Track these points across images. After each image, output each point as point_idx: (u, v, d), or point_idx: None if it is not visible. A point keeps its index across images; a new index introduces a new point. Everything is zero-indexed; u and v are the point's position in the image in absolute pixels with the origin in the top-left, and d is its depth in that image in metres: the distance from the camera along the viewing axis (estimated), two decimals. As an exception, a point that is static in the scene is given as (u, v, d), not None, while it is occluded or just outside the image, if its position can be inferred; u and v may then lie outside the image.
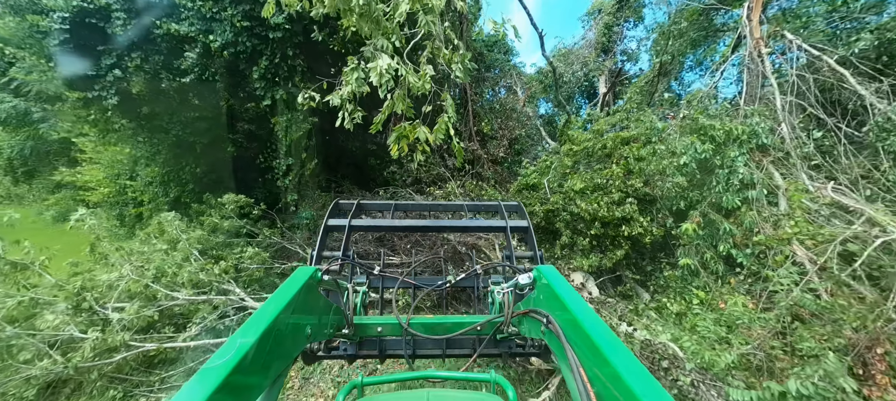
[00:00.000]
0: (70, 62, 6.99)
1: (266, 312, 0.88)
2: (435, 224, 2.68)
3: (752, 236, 5.74)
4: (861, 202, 5.29)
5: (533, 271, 1.39)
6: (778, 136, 6.54)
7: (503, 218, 2.10)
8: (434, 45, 2.73)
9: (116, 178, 13.03)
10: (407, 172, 8.45)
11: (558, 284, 1.15)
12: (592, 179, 7.19)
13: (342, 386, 1.28)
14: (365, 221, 2.24)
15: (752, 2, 7.29)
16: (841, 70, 6.41)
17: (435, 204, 2.85)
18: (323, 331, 1.28)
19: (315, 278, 1.26)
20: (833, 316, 4.36)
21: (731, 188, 5.94)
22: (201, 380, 0.61)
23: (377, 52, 2.61)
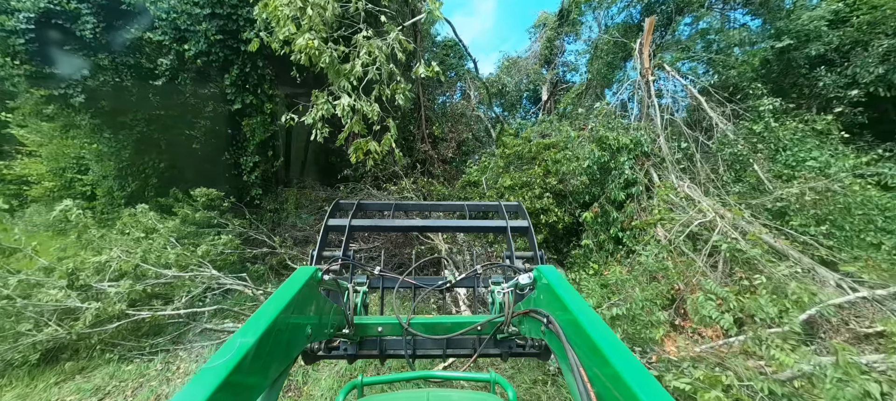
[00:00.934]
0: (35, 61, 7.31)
1: (266, 312, 0.89)
2: (435, 224, 2.61)
3: (632, 222, 7.58)
4: (700, 195, 7.28)
5: (533, 271, 1.39)
6: (657, 145, 8.50)
7: (503, 218, 2.09)
8: (380, 88, 3.96)
9: (62, 172, 12.77)
10: (365, 172, 9.56)
11: (558, 284, 1.16)
12: (520, 178, 8.77)
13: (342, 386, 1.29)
14: (365, 222, 2.20)
15: (643, 38, 9.24)
16: (699, 97, 8.50)
17: (436, 204, 2.87)
18: (323, 331, 1.30)
19: (315, 278, 1.27)
20: (669, 275, 6.19)
21: (618, 186, 7.75)
22: (201, 380, 0.61)
23: (341, 92, 3.79)
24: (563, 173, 8.56)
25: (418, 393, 1.40)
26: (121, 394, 4.46)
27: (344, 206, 2.30)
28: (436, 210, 3.33)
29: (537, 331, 1.20)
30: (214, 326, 6.08)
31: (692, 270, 6.17)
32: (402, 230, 4.93)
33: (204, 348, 5.53)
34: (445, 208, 3.15)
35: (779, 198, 6.80)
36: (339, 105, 3.67)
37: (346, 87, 3.70)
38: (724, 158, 7.81)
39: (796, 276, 5.29)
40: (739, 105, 8.51)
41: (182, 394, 0.58)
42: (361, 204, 2.29)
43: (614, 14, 12.08)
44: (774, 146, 7.81)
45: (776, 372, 3.72)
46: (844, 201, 6.56)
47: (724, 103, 8.47)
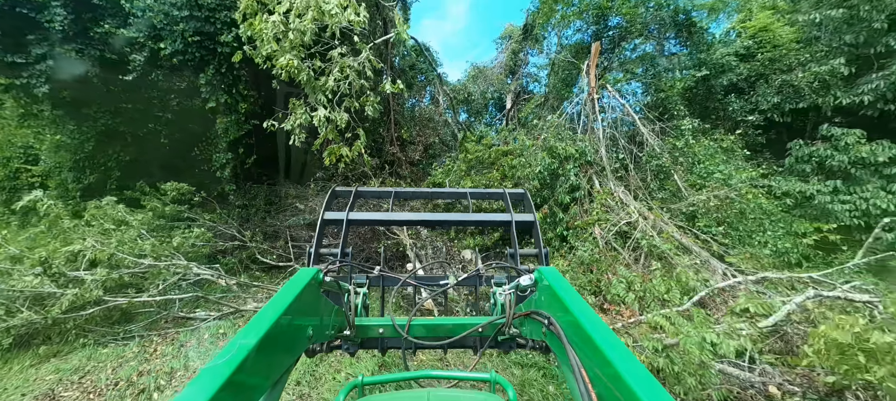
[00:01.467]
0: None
1: (268, 312, 0.89)
2: (436, 218, 2.44)
3: (575, 222, 8.68)
4: (630, 200, 8.51)
5: (534, 273, 1.39)
6: (599, 155, 9.71)
7: (507, 207, 2.02)
8: (350, 101, 4.61)
9: (7, 161, 12.14)
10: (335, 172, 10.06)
11: (560, 285, 1.15)
12: (480, 180, 9.66)
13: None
14: (363, 215, 2.06)
15: (590, 61, 10.46)
16: (634, 115, 9.81)
17: (436, 191, 2.74)
18: (324, 332, 1.30)
19: (317, 280, 1.27)
20: (600, 266, 7.28)
21: (565, 190, 8.82)
22: (204, 379, 0.62)
23: (317, 104, 4.40)
24: (518, 178, 9.54)
25: (418, 393, 1.37)
26: (101, 372, 4.77)
27: (341, 193, 2.20)
28: (436, 198, 3.11)
29: (538, 332, 1.20)
30: (186, 313, 6.40)
31: (618, 262, 7.30)
32: (403, 223, 4.61)
33: (178, 333, 5.87)
34: (446, 196, 3.00)
35: (691, 204, 8.14)
36: (317, 116, 4.27)
37: (322, 100, 4.30)
38: (652, 169, 9.12)
39: (696, 266, 6.52)
40: (667, 124, 9.92)
41: (185, 393, 0.59)
42: (360, 192, 2.20)
43: (569, 35, 13.36)
44: (691, 160, 9.24)
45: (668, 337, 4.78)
46: (740, 207, 8.00)
47: (655, 122, 9.85)
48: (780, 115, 9.94)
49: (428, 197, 3.14)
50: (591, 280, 6.81)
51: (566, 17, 12.62)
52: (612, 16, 11.95)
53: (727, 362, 4.36)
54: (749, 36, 11.12)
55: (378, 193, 2.61)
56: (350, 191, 2.17)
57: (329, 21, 4.31)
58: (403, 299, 7.05)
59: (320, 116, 4.20)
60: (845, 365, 3.21)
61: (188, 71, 7.60)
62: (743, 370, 4.19)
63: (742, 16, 12.17)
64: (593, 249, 7.67)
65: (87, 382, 4.54)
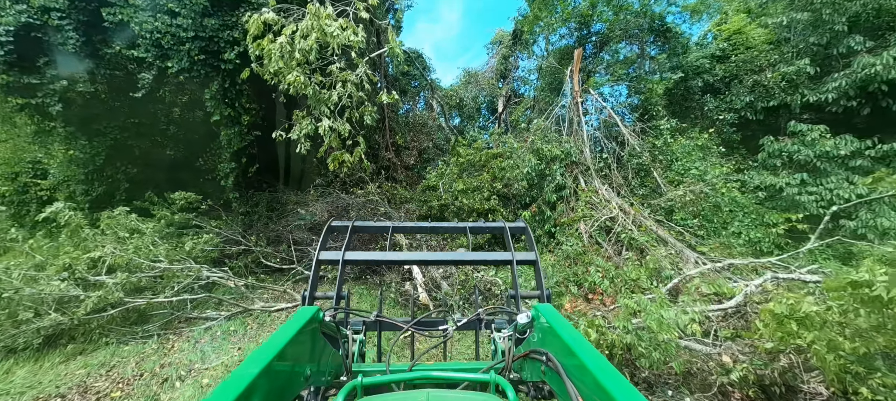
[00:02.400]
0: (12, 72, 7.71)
1: (265, 350, 0.88)
2: (435, 258, 2.41)
3: (562, 219, 9.21)
4: (613, 197, 9.06)
5: (531, 310, 1.37)
6: (583, 155, 10.26)
7: (508, 245, 1.98)
8: (351, 112, 5.13)
9: (15, 177, 12.56)
10: (334, 178, 10.57)
11: (556, 322, 1.16)
12: (472, 183, 10.19)
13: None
14: (359, 255, 2.02)
15: (573, 66, 11.04)
16: (615, 116, 10.39)
17: (435, 226, 2.57)
18: (321, 377, 1.27)
19: (316, 320, 1.24)
20: (584, 259, 7.81)
21: (551, 189, 9.36)
22: None
23: (322, 116, 4.91)
24: (507, 179, 10.08)
25: (417, 393, 1.31)
26: (126, 366, 5.22)
27: (336, 228, 2.12)
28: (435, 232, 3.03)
29: (537, 373, 1.19)
30: (199, 313, 6.87)
31: (600, 255, 7.82)
32: (399, 263, 4.39)
33: (192, 332, 6.33)
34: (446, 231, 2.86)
35: (669, 199, 8.69)
36: (322, 127, 4.77)
37: (326, 111, 4.80)
38: (633, 167, 9.68)
39: (671, 256, 7.06)
40: (647, 124, 10.50)
41: None
42: (356, 227, 2.14)
43: (555, 40, 13.96)
44: (670, 158, 9.82)
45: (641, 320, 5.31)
46: (714, 201, 8.56)
47: (636, 122, 10.42)
48: (754, 113, 10.54)
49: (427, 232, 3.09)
50: (575, 272, 7.34)
51: (551, 24, 13.22)
52: (594, 22, 12.56)
53: (694, 340, 4.90)
54: (724, 38, 11.76)
55: (375, 228, 2.46)
56: (346, 226, 2.11)
57: (331, 41, 4.82)
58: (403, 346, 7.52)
59: (325, 126, 4.70)
60: (780, 332, 3.73)
61: (193, 86, 8.09)
62: (706, 346, 4.72)
63: (718, 19, 12.84)
64: (577, 243, 8.20)
65: (115, 374, 5.00)
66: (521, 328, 1.45)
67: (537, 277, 1.81)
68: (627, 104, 10.91)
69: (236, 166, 9.07)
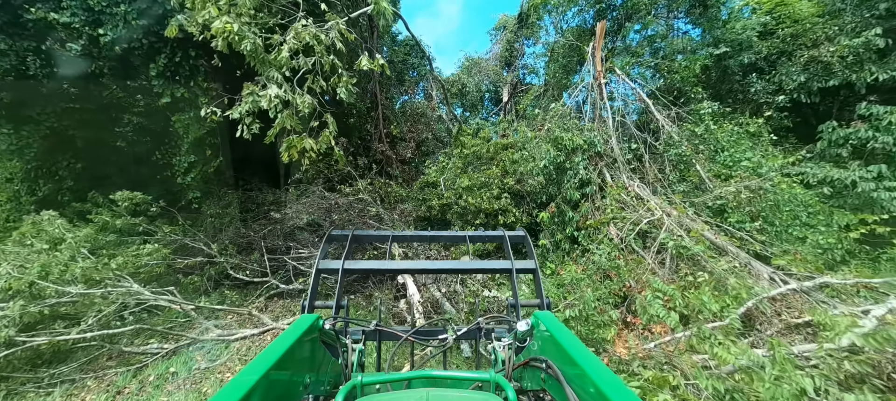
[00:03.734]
0: None
1: (265, 358, 0.88)
2: (435, 267, 2.48)
3: (586, 221, 7.71)
4: (648, 194, 7.54)
5: (531, 318, 1.37)
6: (609, 146, 8.74)
7: (507, 254, 1.97)
8: (315, 78, 3.60)
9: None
10: (315, 174, 9.03)
11: (556, 329, 1.16)
12: (478, 178, 8.66)
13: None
14: (359, 264, 2.01)
15: (595, 43, 9.49)
16: (647, 100, 8.84)
17: (435, 235, 2.61)
18: (320, 386, 1.28)
19: (316, 328, 1.24)
20: (621, 273, 6.31)
21: (573, 186, 7.84)
22: None
23: (269, 82, 3.39)
24: (520, 174, 8.56)
25: (417, 393, 1.33)
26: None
27: (336, 238, 2.12)
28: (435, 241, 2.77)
29: (537, 381, 1.20)
30: (136, 348, 5.37)
31: (642, 268, 6.32)
32: (400, 272, 4.38)
33: (117, 375, 4.84)
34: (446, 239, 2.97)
35: (718, 196, 7.16)
36: (266, 96, 3.27)
37: (276, 77, 3.31)
38: (670, 158, 8.15)
39: (735, 270, 5.55)
40: (683, 108, 8.95)
41: None
42: (356, 236, 2.12)
43: (569, 18, 12.37)
44: (714, 147, 8.28)
45: (719, 366, 3.81)
46: (774, 199, 7.04)
47: (669, 107, 8.88)
48: (808, 95, 8.99)
49: (426, 240, 3.62)
50: (611, 290, 5.83)
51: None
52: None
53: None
54: (765, 11, 10.17)
55: (375, 237, 2.61)
56: (346, 234, 2.09)
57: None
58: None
59: (270, 96, 3.20)
60: None
61: (138, 60, 6.55)
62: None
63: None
64: (610, 251, 6.70)
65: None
66: (521, 336, 1.43)
67: (537, 286, 1.80)
68: (656, 87, 9.36)
69: (198, 160, 7.53)
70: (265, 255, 7.76)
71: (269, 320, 6.34)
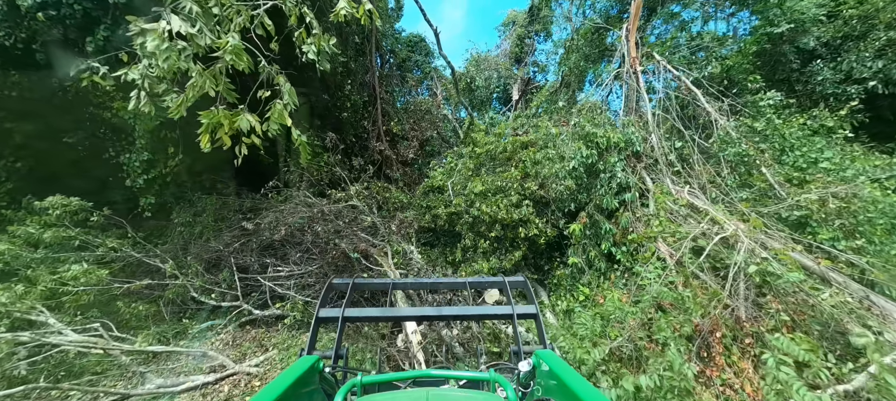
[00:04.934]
0: None
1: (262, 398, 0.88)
2: (436, 313, 2.46)
3: (628, 235, 6.29)
4: (707, 204, 6.11)
5: (532, 357, 1.38)
6: (649, 144, 7.34)
7: (508, 298, 2.00)
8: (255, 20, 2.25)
9: None
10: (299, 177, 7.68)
11: (559, 368, 1.16)
12: (493, 182, 7.27)
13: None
14: (360, 311, 2.02)
15: (629, 24, 8.12)
16: (694, 89, 7.43)
17: (435, 281, 2.85)
18: None
19: (316, 370, 1.24)
20: (684, 305, 4.88)
21: (610, 191, 6.43)
22: None
23: (167, 13, 2.03)
24: (544, 177, 7.16)
25: (418, 393, 1.30)
26: None
27: (337, 287, 2.18)
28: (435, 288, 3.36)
29: None
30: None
31: (707, 296, 4.90)
32: (399, 319, 4.35)
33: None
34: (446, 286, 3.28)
35: (795, 205, 5.72)
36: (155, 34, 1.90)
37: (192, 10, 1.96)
38: (728, 158, 6.72)
39: (849, 307, 4.11)
40: (736, 100, 7.53)
41: None
42: (356, 284, 2.19)
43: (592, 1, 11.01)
44: (779, 146, 6.84)
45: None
46: (868, 209, 5.59)
47: (720, 98, 7.47)
48: (884, 84, 7.55)
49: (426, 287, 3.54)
50: (682, 328, 4.41)
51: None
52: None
53: None
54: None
55: (376, 285, 2.91)
56: (347, 283, 2.15)
57: None
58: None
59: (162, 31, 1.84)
60: None
61: (72, 31, 5.23)
62: None
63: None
64: (662, 274, 5.29)
65: None
66: (524, 379, 1.43)
67: (539, 331, 1.79)
68: (705, 75, 7.93)
69: (155, 158, 6.20)
70: (236, 273, 6.40)
71: (231, 362, 4.96)
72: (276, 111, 2.41)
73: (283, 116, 2.41)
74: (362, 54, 10.39)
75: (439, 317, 2.97)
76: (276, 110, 2.41)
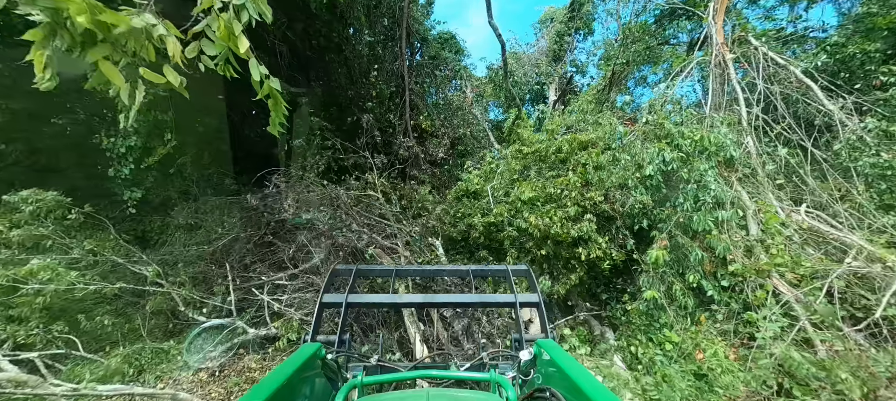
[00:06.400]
0: None
1: (264, 387, 0.87)
2: (438, 300, 2.68)
3: (726, 266, 4.81)
4: (843, 231, 4.56)
5: (533, 347, 1.40)
6: (744, 150, 5.82)
7: (510, 287, 1.95)
8: None
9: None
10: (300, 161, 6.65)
11: (560, 357, 1.16)
12: (544, 188, 5.93)
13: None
14: (363, 297, 2.00)
15: (716, 3, 6.63)
16: (808, 82, 5.85)
17: (438, 269, 3.00)
18: None
19: (318, 357, 1.24)
20: (832, 378, 3.40)
21: (704, 207, 4.97)
22: None
23: None
24: (610, 186, 5.75)
25: (418, 393, 1.33)
26: None
27: (341, 273, 2.20)
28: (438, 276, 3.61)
29: None
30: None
31: (870, 362, 3.39)
32: (403, 306, 4.40)
33: None
34: (449, 274, 3.42)
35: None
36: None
37: None
38: (861, 171, 5.12)
39: None
40: (861, 97, 5.89)
41: None
42: (360, 270, 2.20)
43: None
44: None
45: None
46: None
47: (840, 94, 5.85)
48: None
49: (430, 275, 3.35)
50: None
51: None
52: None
53: None
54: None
55: (379, 273, 3.12)
56: (350, 269, 2.11)
57: None
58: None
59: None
60: None
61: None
62: None
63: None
64: (787, 326, 3.84)
65: None
66: (525, 368, 1.42)
67: (541, 319, 1.76)
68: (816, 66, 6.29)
69: (148, 145, 5.27)
70: (230, 285, 5.35)
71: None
72: (221, 27, 1.26)
73: (233, 37, 1.27)
74: (391, 40, 9.30)
75: (442, 304, 3.00)
76: (222, 26, 1.26)
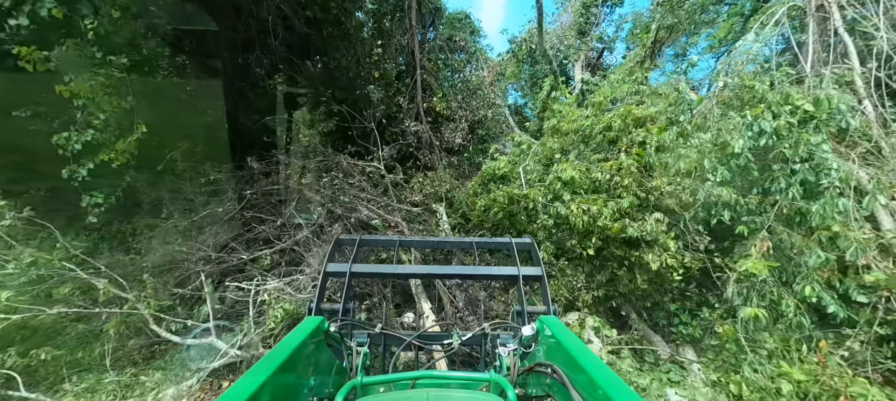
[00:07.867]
0: None
1: (270, 360, 0.86)
2: (441, 271, 2.82)
3: (857, 273, 3.48)
4: None
5: (536, 323, 1.41)
6: (863, 116, 4.40)
7: (514, 260, 1.93)
8: None
9: None
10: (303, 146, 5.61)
11: (561, 333, 1.17)
12: (589, 172, 4.68)
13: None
14: (366, 267, 2.04)
15: (811, -71, 5.13)
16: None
17: (442, 241, 2.91)
18: (324, 389, 1.26)
19: (322, 330, 1.28)
20: None
21: (828, 192, 3.63)
22: None
23: None
24: (677, 171, 4.45)
25: (418, 393, 1.27)
26: None
27: (344, 243, 2.19)
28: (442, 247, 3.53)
29: (543, 386, 1.23)
30: None
31: None
32: (406, 277, 4.23)
33: None
34: (452, 245, 3.24)
35: None
36: None
37: None
38: None
39: None
40: None
41: None
42: (363, 240, 2.19)
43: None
44: None
45: None
46: None
47: None
48: None
49: (433, 246, 3.19)
50: None
51: None
52: None
53: None
54: None
55: (383, 242, 2.84)
56: (354, 239, 2.09)
57: None
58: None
59: None
60: None
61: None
62: None
63: None
64: None
65: None
66: (527, 342, 1.43)
67: (543, 292, 1.77)
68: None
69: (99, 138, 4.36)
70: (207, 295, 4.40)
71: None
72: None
73: None
74: (401, 11, 8.12)
75: (445, 275, 3.28)
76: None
